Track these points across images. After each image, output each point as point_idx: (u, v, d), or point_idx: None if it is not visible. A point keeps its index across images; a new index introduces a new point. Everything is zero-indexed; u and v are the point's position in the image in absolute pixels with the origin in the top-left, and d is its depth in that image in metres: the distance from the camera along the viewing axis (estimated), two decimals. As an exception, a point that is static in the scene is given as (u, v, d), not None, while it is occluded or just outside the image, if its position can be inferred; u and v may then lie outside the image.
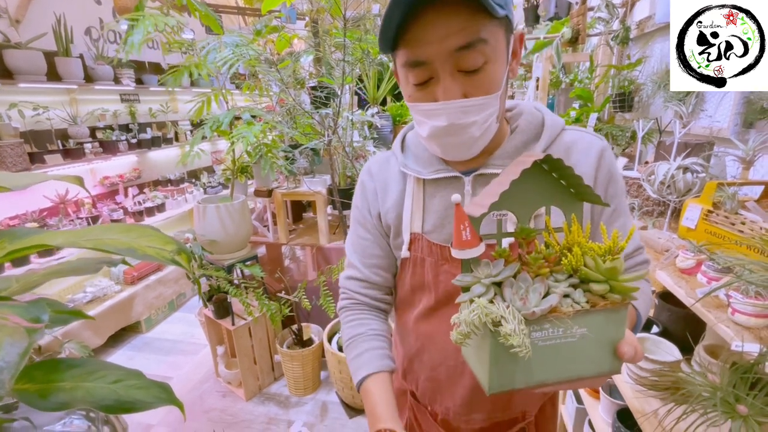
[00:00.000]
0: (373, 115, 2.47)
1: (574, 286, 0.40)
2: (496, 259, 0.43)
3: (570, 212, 0.44)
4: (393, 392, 0.66)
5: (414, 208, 0.67)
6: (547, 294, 0.39)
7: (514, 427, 0.76)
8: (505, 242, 0.50)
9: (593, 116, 1.80)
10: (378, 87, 3.27)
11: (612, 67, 1.94)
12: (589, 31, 2.08)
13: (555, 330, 0.38)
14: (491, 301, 0.38)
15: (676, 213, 1.21)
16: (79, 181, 0.47)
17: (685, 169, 1.16)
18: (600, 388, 1.34)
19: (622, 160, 1.52)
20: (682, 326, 1.25)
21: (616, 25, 2.06)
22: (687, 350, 1.16)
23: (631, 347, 0.42)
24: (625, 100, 1.83)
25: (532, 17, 3.29)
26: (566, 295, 0.39)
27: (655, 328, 1.29)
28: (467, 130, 0.56)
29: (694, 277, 0.99)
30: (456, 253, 0.42)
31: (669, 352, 1.13)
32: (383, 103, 3.38)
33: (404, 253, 0.68)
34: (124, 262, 0.51)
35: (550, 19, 2.79)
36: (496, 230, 0.46)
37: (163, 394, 0.41)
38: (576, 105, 2.20)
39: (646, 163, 1.42)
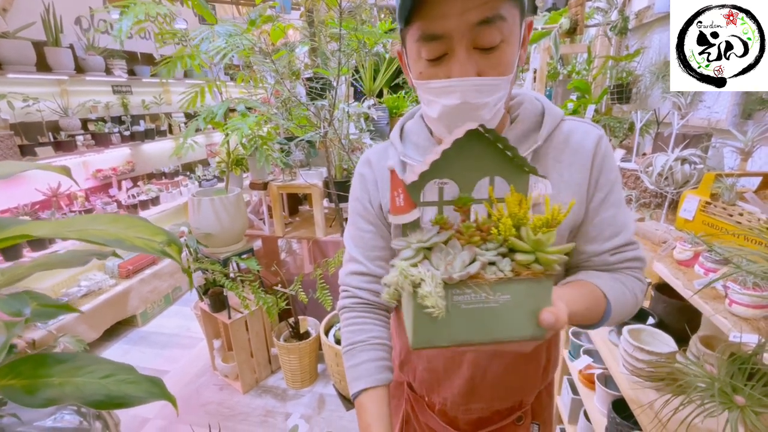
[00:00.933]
0: (369, 107, 2.44)
1: (503, 255, 0.42)
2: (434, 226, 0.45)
3: (514, 183, 0.45)
4: (388, 407, 0.66)
5: None
6: (473, 261, 0.40)
7: (512, 415, 0.77)
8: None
9: (591, 108, 1.78)
10: (374, 79, 3.24)
11: (610, 58, 1.93)
12: (587, 22, 2.06)
13: (477, 295, 0.41)
14: (415, 265, 0.41)
15: (674, 204, 1.21)
16: (66, 171, 0.46)
17: (683, 161, 1.15)
18: (596, 379, 1.35)
19: (620, 152, 1.52)
20: (678, 317, 1.25)
21: (614, 15, 2.04)
22: (682, 341, 1.16)
23: (552, 315, 0.42)
24: (623, 92, 1.82)
25: (530, 7, 3.26)
26: (492, 263, 0.41)
27: (650, 320, 1.30)
28: (478, 112, 0.54)
29: (692, 269, 0.99)
30: (391, 219, 0.45)
31: (665, 343, 1.13)
32: (379, 95, 3.35)
33: None
34: (115, 255, 0.49)
35: (548, 10, 2.76)
36: (437, 197, 0.47)
37: (155, 389, 0.40)
38: (573, 97, 2.19)
39: (644, 154, 1.42)
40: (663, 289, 1.32)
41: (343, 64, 1.92)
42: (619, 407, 1.25)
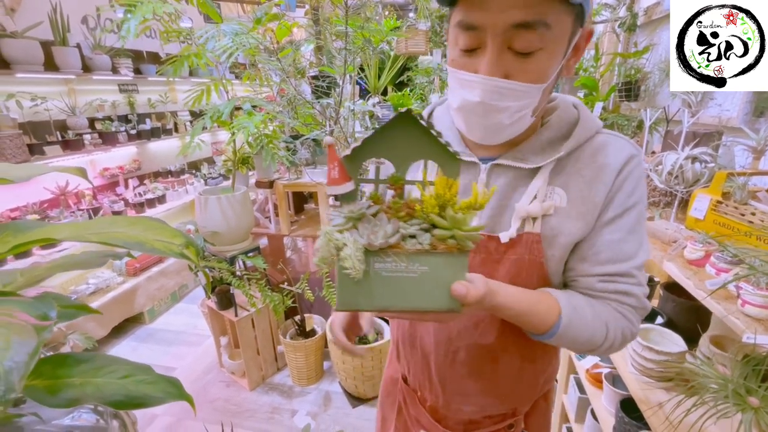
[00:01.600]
0: (374, 105, 2.44)
1: (425, 230, 0.45)
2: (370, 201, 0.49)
3: (445, 169, 0.48)
4: None
5: None
6: (396, 233, 0.44)
7: (503, 422, 0.74)
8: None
9: (598, 105, 1.77)
10: (379, 76, 3.23)
11: (618, 55, 1.91)
12: (594, 18, 2.04)
13: (397, 264, 0.44)
14: (342, 232, 0.44)
15: (684, 203, 1.20)
16: (82, 172, 0.46)
17: (694, 159, 1.14)
18: (603, 378, 1.34)
19: (629, 150, 1.50)
20: (687, 317, 1.24)
21: (623, 12, 2.01)
22: (692, 341, 1.16)
23: (463, 287, 0.45)
24: (631, 89, 1.81)
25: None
26: (413, 237, 0.45)
27: (659, 319, 1.29)
28: (497, 116, 0.53)
29: (703, 269, 0.98)
30: (327, 189, 0.47)
31: (674, 342, 1.13)
32: (384, 92, 3.34)
33: None
34: (129, 255, 0.50)
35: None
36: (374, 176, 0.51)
37: (172, 389, 0.40)
38: (581, 94, 2.17)
39: (653, 153, 1.41)
40: (672, 288, 1.31)
41: (348, 62, 1.91)
42: (628, 406, 1.25)
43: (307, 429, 1.29)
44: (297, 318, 2.25)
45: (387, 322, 2.16)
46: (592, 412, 1.44)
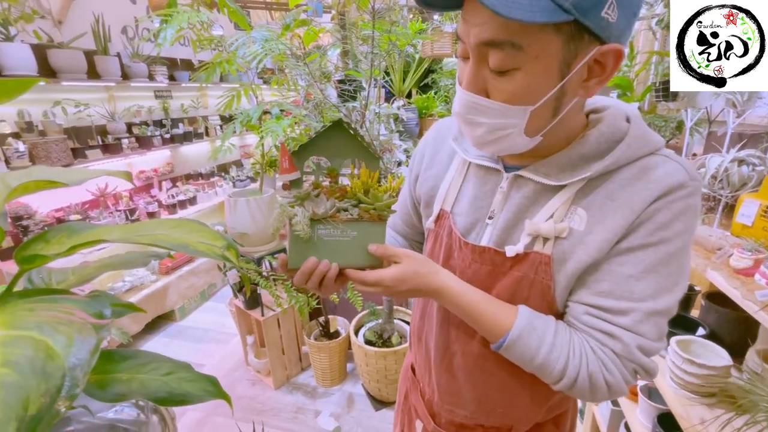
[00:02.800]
0: (399, 108, 2.44)
1: (354, 206, 0.59)
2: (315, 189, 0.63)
3: (368, 164, 0.60)
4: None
5: (452, 185, 0.67)
6: (333, 208, 0.58)
7: None
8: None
9: (634, 106, 1.70)
10: (404, 80, 3.23)
11: (655, 53, 1.83)
12: (629, 16, 1.97)
13: (335, 230, 0.58)
14: (293, 206, 0.57)
15: (729, 209, 1.13)
16: (128, 176, 0.48)
17: (740, 162, 1.08)
18: (639, 391, 1.29)
19: (667, 153, 1.44)
20: (732, 329, 1.17)
21: (659, 8, 1.93)
22: (737, 354, 1.09)
23: (378, 247, 0.58)
24: (669, 89, 1.73)
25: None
26: (346, 210, 0.59)
27: (700, 330, 1.23)
28: (476, 129, 0.52)
29: (752, 278, 0.93)
30: (277, 177, 0.61)
31: (718, 355, 1.07)
32: (408, 95, 3.34)
33: (430, 224, 0.70)
34: (169, 256, 0.52)
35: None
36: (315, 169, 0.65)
37: (211, 388, 0.41)
38: (613, 95, 2.10)
39: (694, 155, 1.34)
40: (714, 298, 1.24)
41: (375, 66, 1.92)
42: (666, 422, 1.19)
43: (337, 431, 1.30)
44: (321, 319, 2.27)
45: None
46: (626, 426, 1.38)
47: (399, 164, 2.32)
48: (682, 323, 1.26)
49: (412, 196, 0.78)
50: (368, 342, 2.06)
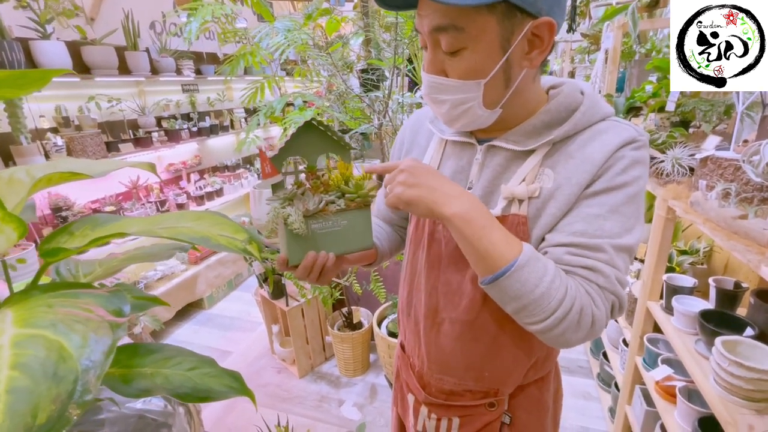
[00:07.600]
0: (422, 97, 2.38)
1: (339, 197, 0.63)
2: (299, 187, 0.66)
3: (341, 156, 0.65)
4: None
5: (431, 163, 0.71)
6: (321, 202, 0.61)
7: (484, 399, 0.76)
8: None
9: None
10: (427, 67, 3.15)
11: (700, 32, 1.69)
12: (671, -8, 1.83)
13: (327, 222, 0.62)
14: (284, 207, 0.59)
15: (785, 200, 1.03)
16: (151, 167, 0.48)
17: (801, 148, 0.98)
18: (678, 392, 1.22)
19: (714, 139, 1.33)
20: (785, 330, 1.09)
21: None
22: (791, 358, 1.01)
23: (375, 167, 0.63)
24: (716, 70, 1.59)
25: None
26: (333, 202, 0.62)
27: (749, 331, 1.14)
28: (442, 106, 0.60)
29: (812, 276, 0.84)
30: (262, 183, 0.62)
31: (769, 358, 0.99)
32: (433, 84, 3.26)
33: None
34: (194, 248, 0.52)
35: (623, -18, 2.49)
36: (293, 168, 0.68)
37: (235, 384, 0.41)
38: (653, 78, 1.97)
39: (745, 141, 1.23)
40: (764, 295, 1.16)
41: (398, 54, 1.88)
42: (707, 426, 1.12)
43: (362, 428, 1.30)
44: (344, 310, 2.28)
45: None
46: (662, 428, 1.32)
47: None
48: (727, 322, 1.18)
49: None
50: (391, 334, 2.05)
